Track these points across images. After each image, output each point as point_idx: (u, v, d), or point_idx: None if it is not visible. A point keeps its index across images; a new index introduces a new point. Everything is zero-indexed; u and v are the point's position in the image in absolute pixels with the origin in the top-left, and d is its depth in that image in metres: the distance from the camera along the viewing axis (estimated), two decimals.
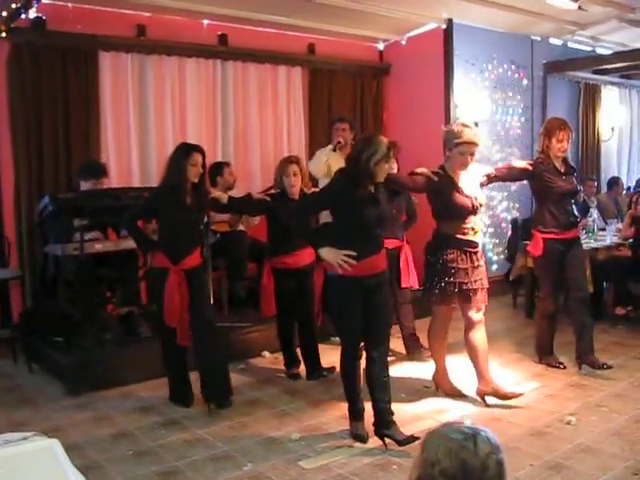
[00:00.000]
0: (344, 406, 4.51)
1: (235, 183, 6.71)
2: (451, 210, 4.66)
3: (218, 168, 6.66)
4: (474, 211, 4.73)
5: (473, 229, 4.73)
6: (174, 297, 4.68)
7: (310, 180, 5.73)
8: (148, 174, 6.75)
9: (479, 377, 4.88)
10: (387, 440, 4.18)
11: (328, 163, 6.41)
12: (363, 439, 4.25)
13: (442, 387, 5.04)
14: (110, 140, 6.56)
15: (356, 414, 4.32)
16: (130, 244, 5.59)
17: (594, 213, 7.70)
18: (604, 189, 9.50)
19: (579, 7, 5.30)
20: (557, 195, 5.41)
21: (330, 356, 5.79)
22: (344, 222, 4.10)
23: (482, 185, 4.96)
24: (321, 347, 5.65)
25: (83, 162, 6.11)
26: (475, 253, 4.74)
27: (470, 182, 4.77)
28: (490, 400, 4.83)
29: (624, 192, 9.58)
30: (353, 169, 4.05)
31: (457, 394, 5.02)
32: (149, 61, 6.74)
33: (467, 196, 4.68)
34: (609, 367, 5.43)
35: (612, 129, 9.95)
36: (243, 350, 5.95)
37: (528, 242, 7.01)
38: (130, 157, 6.68)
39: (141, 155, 6.76)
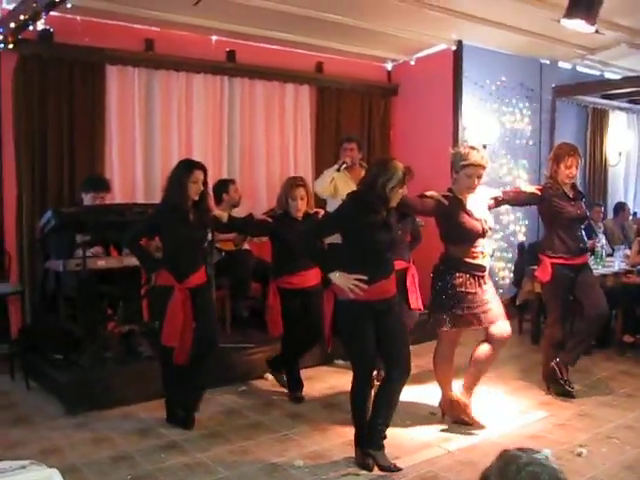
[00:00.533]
0: (348, 432, 4.42)
1: (241, 200, 6.64)
2: (460, 233, 4.60)
3: (224, 185, 6.60)
4: (483, 234, 4.67)
5: (482, 253, 4.68)
6: (177, 316, 4.59)
7: (315, 200, 5.64)
8: (152, 190, 6.68)
9: (464, 387, 4.88)
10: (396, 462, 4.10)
11: (334, 183, 6.35)
12: (369, 467, 4.13)
13: (449, 414, 4.93)
14: (115, 155, 6.50)
15: (363, 441, 4.21)
16: (133, 261, 5.51)
17: (602, 239, 7.62)
18: (611, 214, 9.42)
19: (596, 31, 5.24)
20: (566, 220, 5.35)
21: (334, 380, 5.71)
22: (355, 246, 4.03)
23: (490, 208, 4.90)
24: (325, 370, 5.56)
25: (86, 176, 6.04)
26: (483, 277, 4.68)
27: (478, 205, 4.73)
28: (486, 426, 4.82)
29: (630, 218, 9.53)
30: (367, 193, 3.98)
31: (464, 421, 4.91)
32: (156, 76, 6.70)
33: (477, 219, 4.63)
34: (572, 388, 5.48)
35: (619, 154, 9.90)
36: (245, 371, 5.84)
37: (535, 267, 6.99)
38: (135, 172, 6.62)
39: (146, 170, 6.70)
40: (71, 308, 5.66)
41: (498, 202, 5.05)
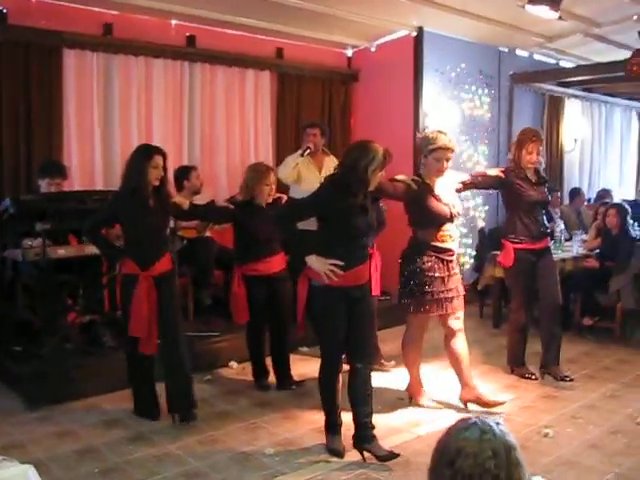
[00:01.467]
0: (318, 419, 4.41)
1: (202, 187, 6.54)
2: (428, 218, 4.63)
3: (185, 172, 6.50)
4: (451, 218, 4.69)
5: (450, 236, 4.70)
6: (142, 305, 4.48)
7: (278, 186, 5.59)
8: (112, 176, 6.48)
9: (462, 384, 4.88)
10: (366, 454, 4.06)
11: (297, 169, 6.31)
12: (340, 454, 4.13)
13: (416, 398, 4.96)
14: (73, 141, 6.31)
15: (333, 428, 4.20)
16: (93, 250, 5.39)
17: (561, 224, 7.74)
18: (566, 200, 9.57)
19: (559, 17, 5.29)
20: (528, 204, 5.40)
21: (300, 367, 5.68)
22: (332, 230, 3.98)
23: (457, 192, 4.93)
24: (291, 357, 5.52)
25: (42, 161, 5.87)
26: (451, 261, 4.71)
27: (446, 189, 4.76)
28: (471, 407, 4.83)
29: (585, 203, 9.69)
30: (347, 176, 3.93)
31: (432, 404, 4.96)
32: (115, 60, 6.51)
33: (445, 204, 4.66)
34: (571, 379, 5.46)
35: (575, 140, 10.06)
36: (209, 360, 5.77)
37: (497, 252, 7.05)
38: (93, 158, 6.44)
39: (105, 157, 6.52)
40: (29, 298, 5.51)
41: (465, 186, 5.09)
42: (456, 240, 4.82)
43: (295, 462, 4.08)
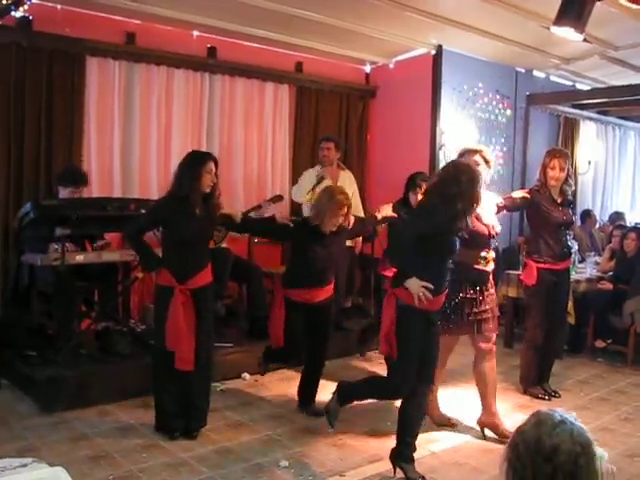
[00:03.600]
0: (332, 434, 4.39)
1: (219, 198, 6.53)
2: (470, 238, 4.32)
3: None
4: (491, 239, 4.67)
5: (486, 259, 4.62)
6: (178, 319, 4.33)
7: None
8: (130, 184, 6.56)
9: (484, 408, 4.78)
10: (398, 471, 4.07)
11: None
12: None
13: (431, 416, 4.92)
14: (93, 148, 6.33)
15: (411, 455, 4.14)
16: (111, 257, 5.42)
17: (575, 245, 7.73)
18: (578, 222, 9.56)
19: (585, 39, 5.31)
20: (552, 225, 5.40)
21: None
22: (430, 253, 3.84)
23: (495, 214, 4.91)
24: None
25: (65, 167, 5.88)
26: (485, 283, 4.64)
27: (485, 210, 4.63)
28: (487, 432, 4.77)
29: (597, 225, 9.69)
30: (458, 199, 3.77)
31: (446, 423, 4.92)
32: (137, 69, 6.55)
33: (485, 224, 4.60)
34: (559, 395, 5.64)
35: (589, 163, 10.06)
36: (222, 371, 5.70)
37: (510, 272, 7.07)
38: (112, 166, 6.46)
39: (124, 164, 6.55)
40: (45, 303, 5.51)
41: (500, 209, 5.07)
42: (492, 263, 4.71)
43: (309, 475, 4.07)
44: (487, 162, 4.54)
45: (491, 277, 4.73)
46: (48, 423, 4.68)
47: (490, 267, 4.68)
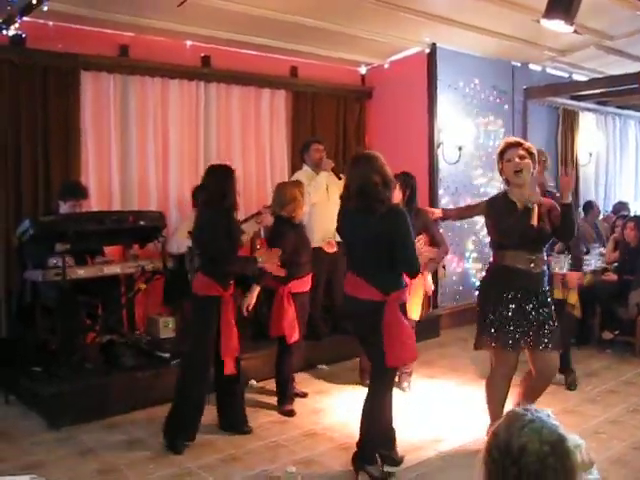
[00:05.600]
0: (338, 437, 4.45)
1: None
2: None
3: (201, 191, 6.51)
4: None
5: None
6: (232, 326, 4.59)
7: None
8: (129, 197, 6.59)
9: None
10: None
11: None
12: None
13: None
14: (91, 161, 6.37)
15: None
16: (113, 270, 5.42)
17: None
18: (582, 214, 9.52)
19: (575, 31, 5.30)
20: None
21: (319, 385, 5.70)
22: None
23: None
24: (309, 375, 5.53)
25: (63, 182, 5.90)
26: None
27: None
28: None
29: (600, 216, 9.65)
30: None
31: None
32: (131, 82, 6.59)
33: None
34: None
35: (590, 154, 10.02)
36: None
37: None
38: (111, 179, 6.50)
39: (122, 177, 6.58)
40: (50, 319, 5.53)
41: None
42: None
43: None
44: (531, 154, 4.11)
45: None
46: (55, 438, 4.69)
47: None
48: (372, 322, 3.81)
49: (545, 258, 4.26)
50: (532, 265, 4.11)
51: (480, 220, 7.93)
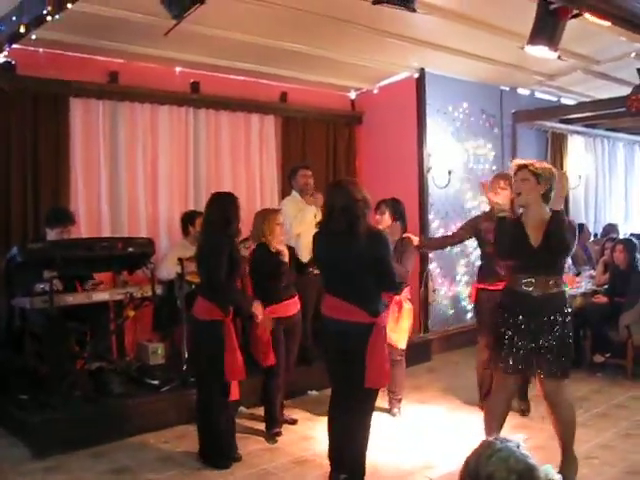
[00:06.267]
0: (328, 465, 4.35)
1: None
2: None
3: (191, 217, 6.52)
4: None
5: None
6: (235, 349, 4.64)
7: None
8: (118, 223, 6.57)
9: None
10: None
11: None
12: None
13: None
14: (80, 188, 6.37)
15: None
16: (101, 296, 5.39)
17: (569, 260, 7.71)
18: None
19: (559, 57, 5.34)
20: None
21: (308, 410, 5.64)
22: None
23: None
24: (298, 401, 5.48)
25: (49, 209, 5.89)
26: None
27: None
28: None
29: (591, 238, 9.68)
30: None
31: None
32: (121, 108, 6.61)
33: None
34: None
35: (579, 177, 10.07)
36: None
37: None
38: (100, 206, 6.49)
39: (111, 204, 6.57)
40: (37, 345, 5.49)
41: None
42: None
43: None
44: (537, 176, 4.10)
45: None
46: (42, 468, 4.62)
47: None
48: (359, 344, 3.89)
49: (555, 281, 4.15)
50: (530, 288, 4.10)
51: (472, 243, 7.97)
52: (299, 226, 6.24)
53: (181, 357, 5.81)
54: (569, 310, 4.23)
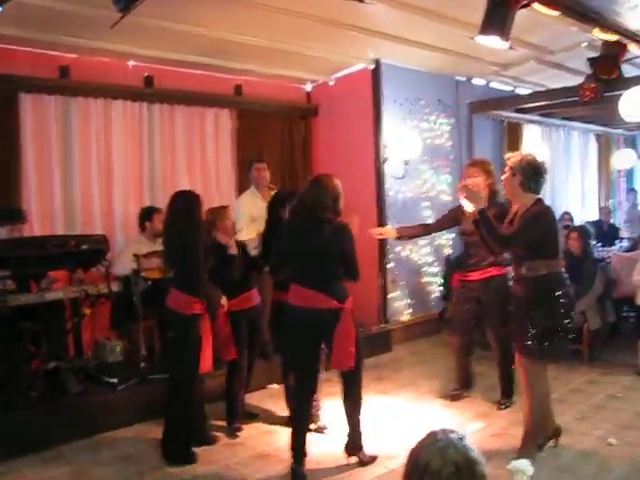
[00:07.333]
0: (288, 458, 4.35)
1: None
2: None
3: (148, 213, 6.45)
4: None
5: None
6: (210, 343, 4.85)
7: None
8: (72, 221, 6.45)
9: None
10: None
11: (248, 213, 6.40)
12: None
13: None
14: (32, 186, 6.22)
15: None
16: (56, 295, 5.31)
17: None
18: None
19: (510, 47, 5.39)
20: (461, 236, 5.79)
21: (270, 404, 5.63)
22: None
23: None
24: (259, 395, 5.47)
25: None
26: None
27: None
28: None
29: None
30: None
31: None
32: (73, 103, 6.48)
33: None
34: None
35: None
36: None
37: None
38: (53, 203, 6.36)
39: (65, 201, 6.44)
40: None
41: None
42: None
43: None
44: (511, 168, 4.37)
45: None
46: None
47: None
48: (329, 328, 4.23)
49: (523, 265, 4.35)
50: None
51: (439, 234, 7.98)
52: (239, 222, 6.23)
53: (139, 354, 5.76)
54: None
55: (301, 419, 4.37)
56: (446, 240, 8.49)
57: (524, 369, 4.35)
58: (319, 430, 5.03)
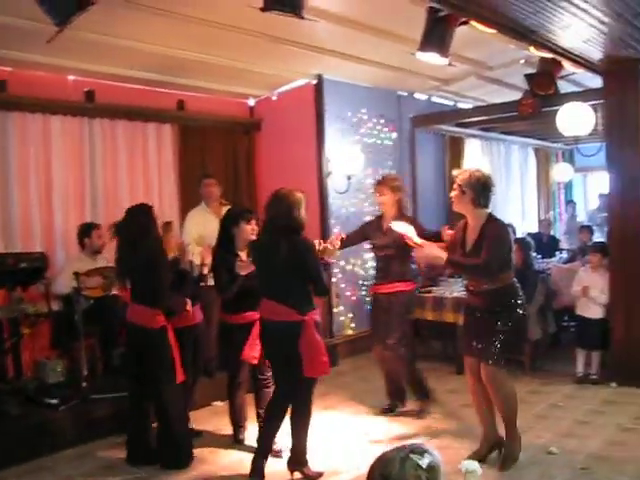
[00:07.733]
0: (235, 478, 4.31)
1: (104, 247, 6.29)
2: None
3: (86, 229, 6.35)
4: None
5: None
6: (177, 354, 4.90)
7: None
8: (10, 237, 6.28)
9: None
10: None
11: (197, 230, 6.36)
12: None
13: None
14: None
15: None
16: None
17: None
18: None
19: (449, 64, 5.49)
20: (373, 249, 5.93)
21: (216, 421, 5.57)
22: None
23: None
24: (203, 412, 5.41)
25: None
26: None
27: None
28: None
29: None
30: None
31: None
32: (11, 118, 6.35)
33: None
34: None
35: None
36: (121, 422, 5.49)
37: None
38: None
39: (3, 219, 6.29)
40: None
41: None
42: None
43: None
44: (459, 186, 4.57)
45: None
46: None
47: None
48: (292, 339, 4.30)
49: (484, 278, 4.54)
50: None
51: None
52: (185, 237, 6.25)
53: (81, 373, 5.64)
54: None
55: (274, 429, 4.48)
56: None
57: (489, 376, 4.53)
58: (277, 454, 4.82)
